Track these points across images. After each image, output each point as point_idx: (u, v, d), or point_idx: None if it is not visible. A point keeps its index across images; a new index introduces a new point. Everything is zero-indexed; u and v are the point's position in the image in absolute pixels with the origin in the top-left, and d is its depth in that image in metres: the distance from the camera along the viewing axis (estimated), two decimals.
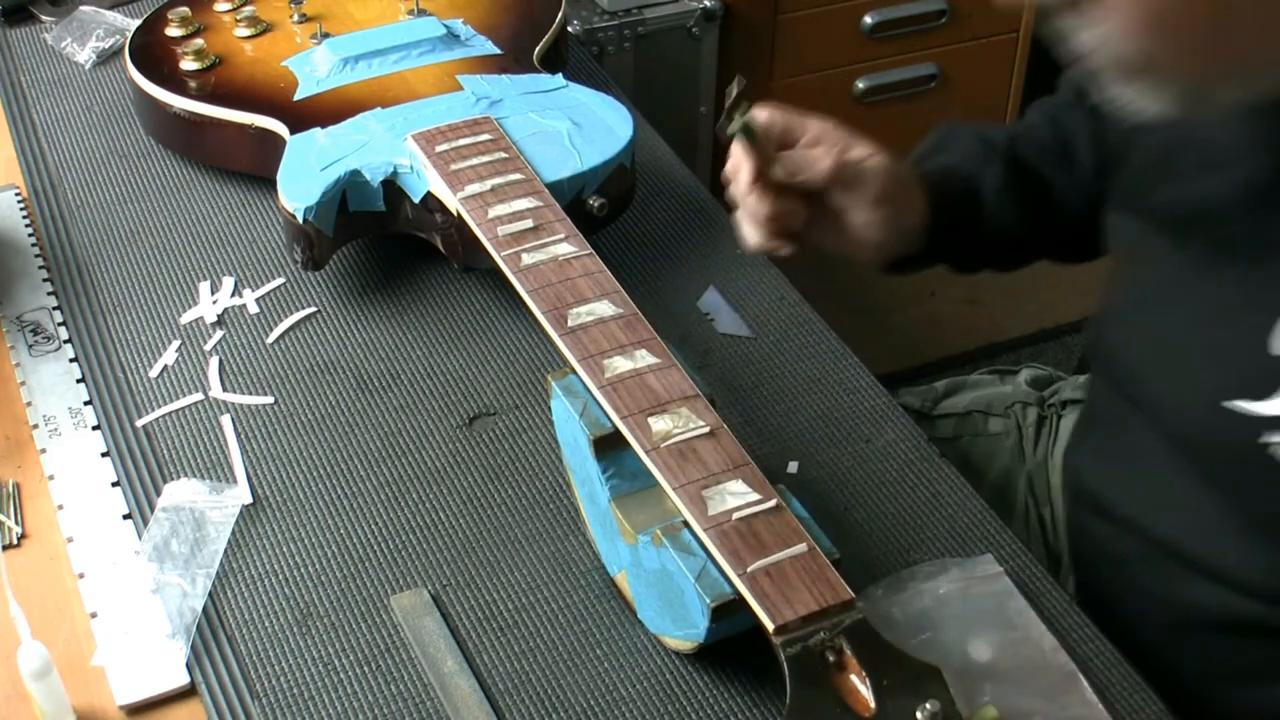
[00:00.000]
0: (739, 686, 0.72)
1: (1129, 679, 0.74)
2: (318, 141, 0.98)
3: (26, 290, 0.99)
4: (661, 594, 0.71)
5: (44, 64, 1.24)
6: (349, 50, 1.07)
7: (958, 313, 2.31)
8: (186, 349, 0.94)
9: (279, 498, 0.83)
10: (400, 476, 0.84)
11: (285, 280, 1.00)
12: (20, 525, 0.82)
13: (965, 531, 0.81)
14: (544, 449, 0.86)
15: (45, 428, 0.88)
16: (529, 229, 0.87)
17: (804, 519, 0.68)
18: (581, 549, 0.80)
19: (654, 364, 0.75)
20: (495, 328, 0.96)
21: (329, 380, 0.91)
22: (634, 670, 0.73)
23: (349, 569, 0.79)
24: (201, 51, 1.09)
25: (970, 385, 1.11)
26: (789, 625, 0.63)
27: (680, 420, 0.72)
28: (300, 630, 0.76)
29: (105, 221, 1.05)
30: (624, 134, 0.99)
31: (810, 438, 0.87)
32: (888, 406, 0.90)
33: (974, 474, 1.03)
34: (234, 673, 0.73)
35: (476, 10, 1.15)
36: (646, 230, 1.05)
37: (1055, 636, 0.75)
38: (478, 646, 0.75)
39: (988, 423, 1.07)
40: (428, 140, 0.95)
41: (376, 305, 0.98)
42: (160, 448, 0.86)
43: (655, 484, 0.71)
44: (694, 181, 1.11)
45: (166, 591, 0.77)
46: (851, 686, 0.62)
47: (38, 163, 1.12)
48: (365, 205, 0.95)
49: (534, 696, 0.72)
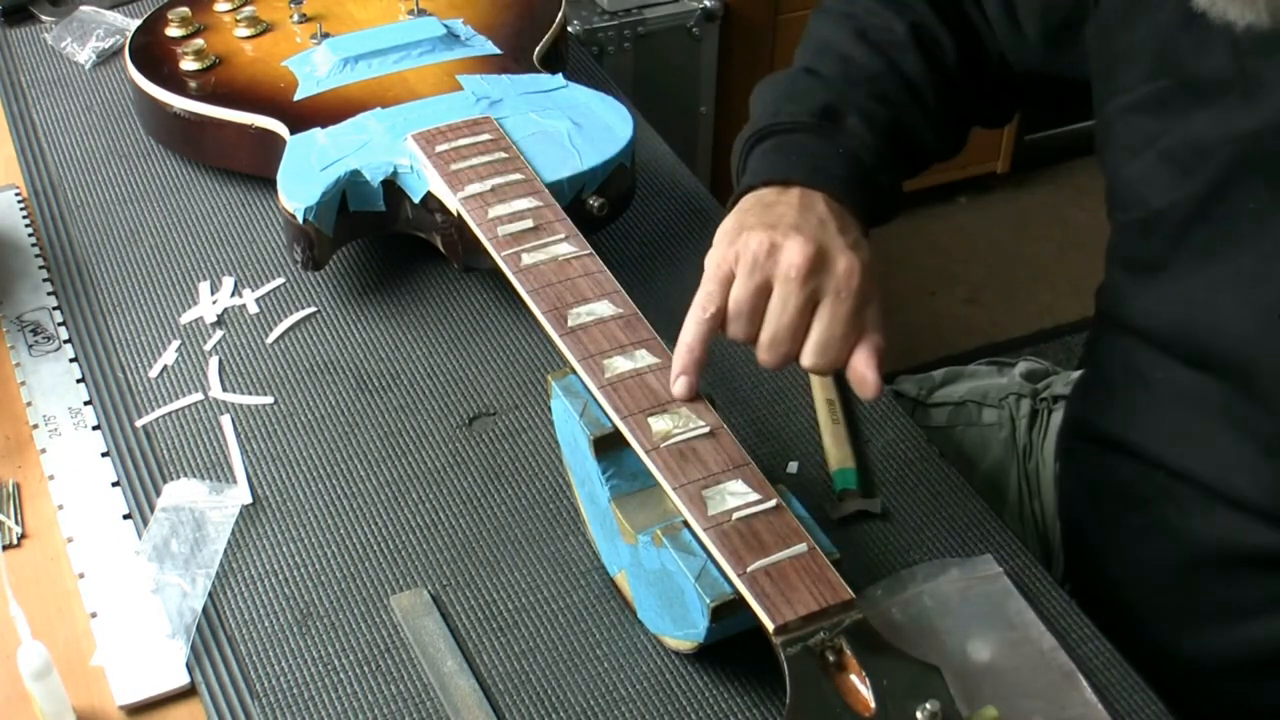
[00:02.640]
0: (739, 686, 0.72)
1: (1129, 679, 0.74)
2: (318, 141, 0.98)
3: (26, 290, 0.99)
4: (661, 594, 0.71)
5: (44, 64, 1.24)
6: (349, 50, 1.07)
7: (958, 313, 2.31)
8: (186, 349, 0.94)
9: (279, 498, 0.83)
10: (400, 476, 0.84)
11: (285, 280, 1.00)
12: (20, 525, 0.82)
13: (965, 531, 0.81)
14: (544, 449, 0.86)
15: (45, 428, 0.88)
16: (529, 229, 0.87)
17: (804, 519, 0.68)
18: (581, 549, 0.80)
19: (654, 364, 0.75)
20: (495, 328, 0.96)
21: (329, 380, 0.91)
22: (634, 670, 0.73)
23: (349, 569, 0.79)
24: (201, 51, 1.09)
25: (967, 375, 1.11)
26: (789, 625, 0.63)
27: (680, 420, 0.72)
28: (300, 630, 0.76)
29: (105, 221, 1.05)
30: (624, 134, 0.99)
31: (810, 438, 0.87)
32: (887, 407, 0.90)
33: (967, 463, 1.04)
34: (234, 673, 0.73)
35: (476, 10, 1.15)
36: (646, 230, 1.05)
37: (1054, 637, 0.75)
38: (478, 646, 0.75)
39: (981, 413, 1.07)
40: (428, 140, 0.95)
41: (376, 305, 0.98)
42: (160, 448, 0.86)
43: (655, 484, 0.71)
44: (694, 181, 1.11)
45: (166, 591, 0.77)
46: (851, 686, 0.62)
47: (38, 163, 1.12)
48: (365, 205, 0.95)
49: (534, 696, 0.72)
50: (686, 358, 0.74)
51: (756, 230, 0.76)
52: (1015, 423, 1.07)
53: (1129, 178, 0.84)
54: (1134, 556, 0.89)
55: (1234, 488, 0.81)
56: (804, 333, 0.75)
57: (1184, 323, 0.82)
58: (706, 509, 0.67)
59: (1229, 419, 0.80)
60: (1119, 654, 0.75)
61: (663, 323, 0.79)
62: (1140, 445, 0.87)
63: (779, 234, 0.75)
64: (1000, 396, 1.08)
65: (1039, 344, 2.22)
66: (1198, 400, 0.82)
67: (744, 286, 0.75)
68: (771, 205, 0.79)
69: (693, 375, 0.74)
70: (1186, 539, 0.85)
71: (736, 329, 0.76)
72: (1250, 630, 0.83)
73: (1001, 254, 2.44)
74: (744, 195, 0.83)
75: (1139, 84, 0.82)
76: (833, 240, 0.76)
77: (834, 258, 0.75)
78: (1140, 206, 0.83)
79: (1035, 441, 1.06)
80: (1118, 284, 0.88)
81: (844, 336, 0.74)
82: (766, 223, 0.77)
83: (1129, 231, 0.86)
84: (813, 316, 0.75)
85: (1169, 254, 0.81)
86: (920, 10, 0.93)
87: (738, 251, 0.76)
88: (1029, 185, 2.57)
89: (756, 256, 0.75)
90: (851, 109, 0.88)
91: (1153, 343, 0.84)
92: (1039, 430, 1.06)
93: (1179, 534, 0.85)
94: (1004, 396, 1.08)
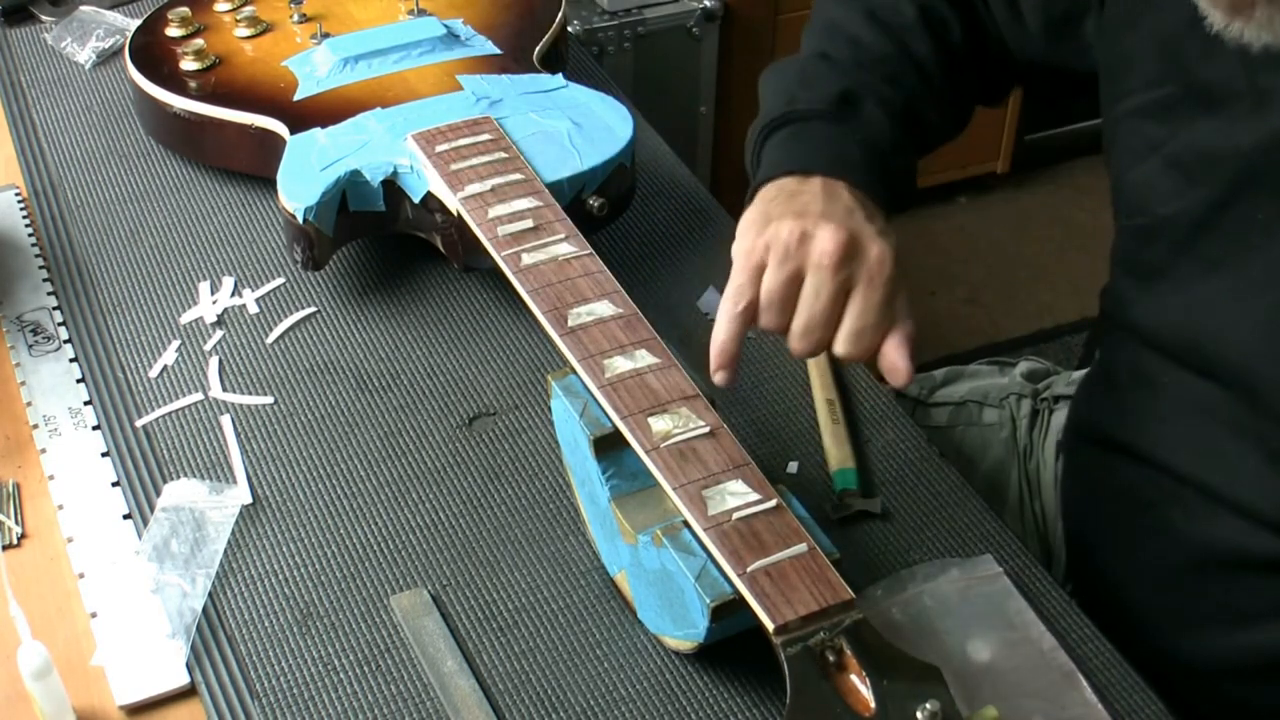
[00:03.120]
0: (739, 686, 0.72)
1: (1129, 679, 0.74)
2: (318, 141, 0.98)
3: (26, 290, 0.99)
4: (661, 594, 0.71)
5: (44, 64, 1.24)
6: (349, 50, 1.07)
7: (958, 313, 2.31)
8: (186, 349, 0.94)
9: (279, 498, 0.83)
10: (400, 476, 0.84)
11: (285, 280, 1.00)
12: (20, 525, 0.82)
13: (965, 531, 0.81)
14: (544, 449, 0.86)
15: (45, 428, 0.88)
16: (529, 229, 0.87)
17: (804, 519, 0.68)
18: (581, 549, 0.80)
19: (654, 364, 0.75)
20: (495, 328, 0.96)
21: (329, 380, 0.91)
22: (634, 670, 0.73)
23: (349, 569, 0.79)
24: (201, 51, 1.09)
25: (968, 375, 1.11)
26: (789, 625, 0.63)
27: (680, 420, 0.72)
28: (300, 630, 0.76)
29: (105, 221, 1.05)
30: (624, 134, 0.99)
31: (810, 438, 0.87)
32: (887, 406, 0.90)
33: (967, 463, 1.04)
34: (234, 673, 0.73)
35: (476, 10, 1.15)
36: (646, 230, 1.05)
37: (1054, 637, 0.75)
38: (478, 646, 0.75)
39: (982, 413, 1.07)
40: (428, 140, 0.95)
41: (376, 305, 0.98)
42: (160, 448, 0.86)
43: (655, 484, 0.71)
44: (694, 181, 1.11)
45: (166, 591, 0.77)
46: (851, 686, 0.62)
47: (38, 163, 1.12)
48: (365, 205, 0.95)
49: (534, 696, 0.72)
50: (723, 356, 0.75)
51: (786, 219, 0.76)
52: (1016, 423, 1.07)
53: (1135, 182, 0.83)
54: (1136, 558, 0.89)
55: (1240, 496, 0.81)
56: (837, 320, 0.75)
57: (1187, 330, 0.81)
58: (706, 509, 0.67)
59: (1235, 427, 0.80)
60: (1119, 654, 0.75)
61: (663, 323, 0.79)
62: (1146, 450, 0.86)
63: (809, 222, 0.75)
64: (1001, 396, 1.08)
65: (1039, 344, 2.22)
66: (1205, 408, 0.82)
67: (776, 276, 0.75)
68: (796, 194, 0.79)
69: (731, 371, 0.75)
70: (1190, 543, 0.84)
71: (769, 319, 0.76)
72: (1254, 635, 0.83)
73: (1001, 254, 2.44)
74: (764, 185, 0.82)
75: (1145, 88, 0.82)
76: (862, 227, 0.76)
77: (865, 245, 0.75)
78: (1145, 212, 0.83)
79: (1036, 442, 1.06)
80: (1122, 287, 0.88)
81: (877, 324, 0.74)
82: (794, 211, 0.76)
83: (1133, 236, 0.85)
84: (845, 304, 0.75)
85: (1173, 261, 0.81)
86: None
87: (768, 241, 0.75)
88: (1029, 185, 2.57)
89: (788, 246, 0.75)
90: (868, 95, 0.87)
91: (1159, 348, 0.84)
92: (1040, 430, 1.06)
93: (1182, 537, 0.85)
94: (1004, 396, 1.08)
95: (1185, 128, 0.79)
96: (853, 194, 0.79)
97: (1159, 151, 0.81)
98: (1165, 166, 0.80)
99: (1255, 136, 0.75)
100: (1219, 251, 0.78)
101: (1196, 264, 0.80)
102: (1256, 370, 0.77)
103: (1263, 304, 0.76)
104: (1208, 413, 0.82)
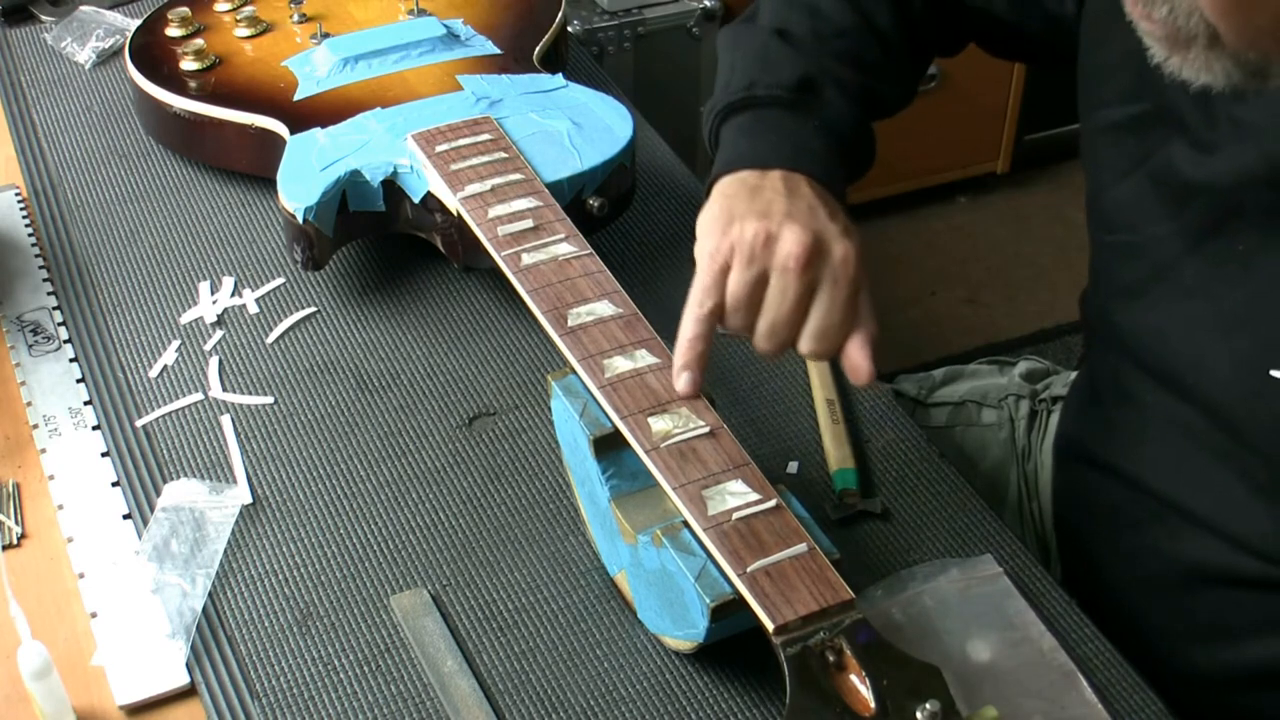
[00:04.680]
0: (739, 686, 0.72)
1: (1129, 679, 0.74)
2: (318, 141, 0.98)
3: (26, 290, 0.99)
4: (661, 594, 0.71)
5: (44, 64, 1.24)
6: (349, 50, 1.07)
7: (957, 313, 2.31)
8: (186, 349, 0.94)
9: (279, 498, 0.83)
10: (400, 476, 0.84)
11: (285, 280, 1.00)
12: (20, 525, 0.82)
13: (965, 531, 0.81)
14: (544, 449, 0.86)
15: (45, 428, 0.88)
16: (529, 229, 0.87)
17: (804, 519, 0.68)
18: (581, 549, 0.80)
19: (654, 364, 0.75)
20: (495, 328, 0.96)
21: (329, 380, 0.91)
22: (634, 670, 0.73)
23: (349, 569, 0.79)
24: (201, 51, 1.09)
25: (968, 375, 1.11)
26: (789, 625, 0.63)
27: (680, 420, 0.72)
28: (300, 630, 0.76)
29: (105, 221, 1.05)
30: (624, 134, 0.99)
31: (810, 438, 0.87)
32: (887, 406, 0.90)
33: (967, 464, 1.04)
34: (234, 673, 0.73)
35: (476, 10, 1.15)
36: (646, 230, 1.05)
37: (1054, 636, 0.75)
38: (478, 646, 0.75)
39: (981, 413, 1.07)
40: (428, 140, 0.95)
41: (376, 305, 0.98)
42: (160, 448, 0.86)
43: (655, 484, 0.71)
44: (694, 181, 1.11)
45: (166, 591, 0.77)
46: (851, 686, 0.62)
47: (38, 163, 1.12)
48: (365, 205, 0.95)
49: (534, 696, 0.72)
50: (688, 353, 0.74)
51: (749, 219, 0.75)
52: (1015, 424, 1.07)
53: (1116, 200, 0.83)
54: (1127, 571, 0.88)
55: (1224, 522, 0.80)
56: (802, 320, 0.75)
57: (1166, 354, 0.81)
58: (706, 509, 0.67)
59: (1219, 454, 0.80)
60: (1119, 654, 0.75)
61: (663, 323, 0.79)
62: (1131, 472, 0.86)
63: (773, 223, 0.75)
64: (1000, 397, 1.08)
65: (1039, 344, 2.21)
66: (1188, 432, 0.81)
67: (741, 279, 0.75)
68: (757, 190, 0.78)
69: (695, 371, 0.74)
70: (1177, 561, 0.84)
71: (735, 320, 0.76)
72: (1246, 648, 0.83)
73: (1001, 254, 2.44)
74: (722, 176, 0.82)
75: (1120, 102, 0.81)
76: (826, 227, 0.76)
77: (830, 246, 0.75)
78: (1125, 231, 0.83)
79: (1034, 443, 1.06)
80: (1102, 298, 0.88)
81: (842, 323, 0.75)
82: (757, 211, 0.76)
83: (1113, 254, 0.85)
84: (810, 304, 0.75)
85: (1152, 284, 0.81)
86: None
87: (733, 243, 0.75)
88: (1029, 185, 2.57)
89: (754, 248, 0.74)
90: (827, 81, 0.86)
91: (1139, 365, 0.84)
92: (1038, 431, 1.06)
93: (1170, 556, 0.84)
94: (1004, 397, 1.08)
95: (1161, 147, 0.79)
96: (813, 189, 0.79)
97: (1138, 172, 0.81)
98: (1146, 188, 0.80)
99: (1233, 166, 0.74)
100: (1198, 280, 0.78)
101: (1177, 289, 0.79)
102: (1233, 407, 0.77)
103: (1242, 341, 0.76)
104: (1191, 438, 0.81)
